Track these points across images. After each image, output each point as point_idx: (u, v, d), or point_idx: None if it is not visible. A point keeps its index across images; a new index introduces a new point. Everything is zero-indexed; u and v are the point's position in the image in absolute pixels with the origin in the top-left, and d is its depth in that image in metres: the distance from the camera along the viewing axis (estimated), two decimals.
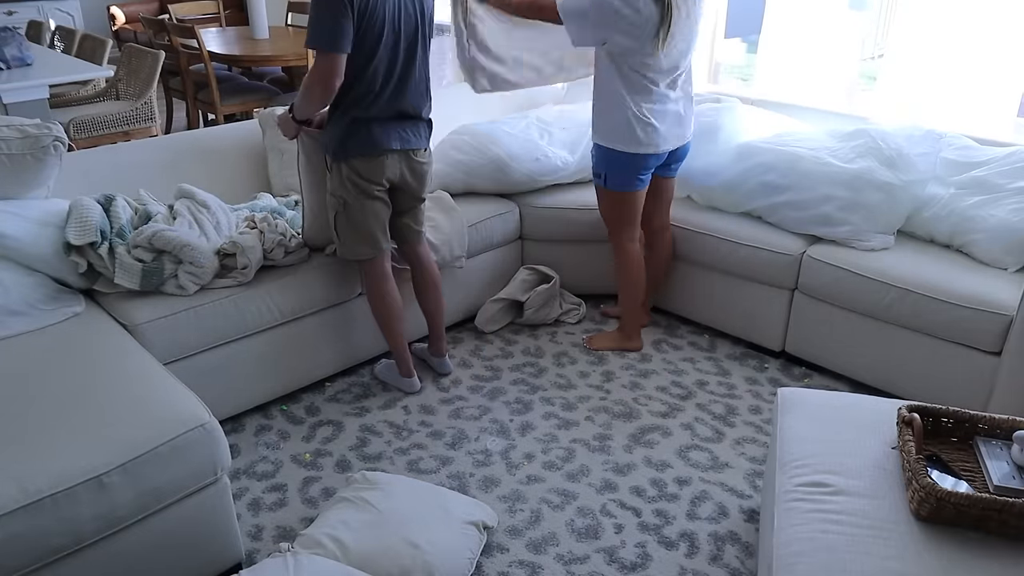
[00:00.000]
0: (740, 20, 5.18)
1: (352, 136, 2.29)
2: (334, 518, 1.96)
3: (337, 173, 2.34)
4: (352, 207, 2.37)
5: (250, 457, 2.43)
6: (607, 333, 3.07)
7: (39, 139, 2.30)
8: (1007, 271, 2.52)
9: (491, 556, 2.04)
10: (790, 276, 2.77)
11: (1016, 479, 1.55)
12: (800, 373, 2.86)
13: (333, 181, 2.37)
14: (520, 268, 3.26)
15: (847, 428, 1.77)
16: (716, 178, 3.00)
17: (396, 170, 2.38)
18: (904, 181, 2.66)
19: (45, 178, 2.41)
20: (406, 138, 2.37)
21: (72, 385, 1.87)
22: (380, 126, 2.31)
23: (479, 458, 2.42)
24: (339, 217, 2.40)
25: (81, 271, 2.29)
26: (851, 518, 1.52)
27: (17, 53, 3.87)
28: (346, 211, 2.38)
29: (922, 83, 3.28)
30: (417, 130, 2.41)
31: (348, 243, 2.45)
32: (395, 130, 2.34)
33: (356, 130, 2.29)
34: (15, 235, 2.24)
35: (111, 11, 7.20)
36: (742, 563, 2.02)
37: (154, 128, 4.50)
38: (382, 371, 2.81)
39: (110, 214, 2.40)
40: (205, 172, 2.89)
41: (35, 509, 1.54)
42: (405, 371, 2.71)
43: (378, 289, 2.54)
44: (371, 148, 2.30)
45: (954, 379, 2.45)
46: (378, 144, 2.31)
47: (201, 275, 2.35)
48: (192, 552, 1.85)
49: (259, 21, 5.33)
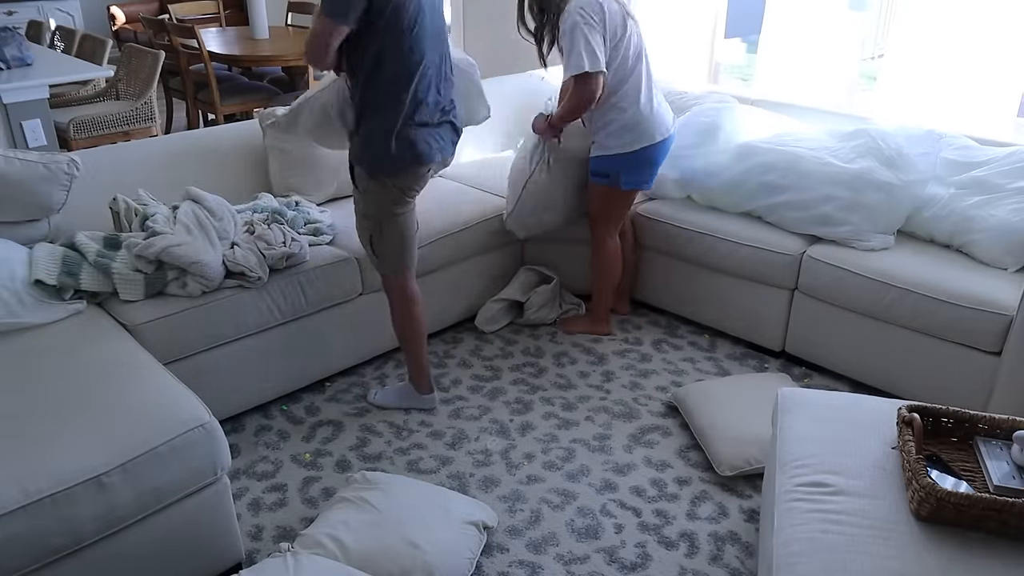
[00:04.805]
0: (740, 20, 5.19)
1: (398, 148, 2.17)
2: (334, 518, 1.96)
3: (379, 190, 2.25)
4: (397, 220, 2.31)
5: (250, 457, 2.43)
6: (579, 317, 3.19)
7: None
8: (1007, 271, 2.52)
9: (491, 556, 2.04)
10: (790, 276, 2.77)
11: (1016, 479, 1.55)
12: (800, 373, 2.86)
13: (369, 201, 2.28)
14: (520, 268, 3.26)
15: (847, 428, 1.77)
16: (716, 178, 3.01)
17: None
18: (904, 181, 2.66)
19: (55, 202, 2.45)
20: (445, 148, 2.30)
21: (72, 385, 1.87)
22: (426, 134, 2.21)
23: (479, 458, 2.42)
24: (377, 238, 2.34)
25: (67, 297, 2.27)
26: (851, 518, 1.52)
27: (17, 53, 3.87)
28: (393, 225, 2.31)
29: (922, 83, 3.28)
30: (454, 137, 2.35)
31: (390, 259, 2.38)
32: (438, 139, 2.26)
33: (402, 142, 2.17)
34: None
35: (111, 11, 7.21)
36: (742, 563, 2.02)
37: (154, 128, 4.50)
38: (386, 397, 2.68)
39: (77, 250, 2.35)
40: (205, 172, 2.89)
41: (35, 509, 1.54)
42: (426, 387, 2.64)
43: (409, 307, 2.47)
44: (419, 161, 2.21)
45: (954, 379, 2.45)
46: (423, 157, 2.21)
47: (209, 285, 2.35)
48: (192, 552, 1.85)
49: (259, 21, 5.33)
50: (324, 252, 2.65)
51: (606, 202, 2.85)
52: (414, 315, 2.49)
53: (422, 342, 2.55)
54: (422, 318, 2.52)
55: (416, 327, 2.51)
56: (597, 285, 3.04)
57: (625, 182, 2.76)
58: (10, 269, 2.19)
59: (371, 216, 2.31)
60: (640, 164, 2.74)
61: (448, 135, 2.31)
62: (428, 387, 2.65)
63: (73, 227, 2.49)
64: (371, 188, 2.25)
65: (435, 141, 2.25)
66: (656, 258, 3.17)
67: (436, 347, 3.02)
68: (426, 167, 2.26)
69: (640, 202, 3.19)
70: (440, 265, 2.93)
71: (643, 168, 2.77)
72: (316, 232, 2.72)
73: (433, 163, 2.27)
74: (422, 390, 2.64)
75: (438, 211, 2.96)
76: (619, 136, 2.69)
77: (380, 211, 2.29)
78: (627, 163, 2.72)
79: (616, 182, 2.76)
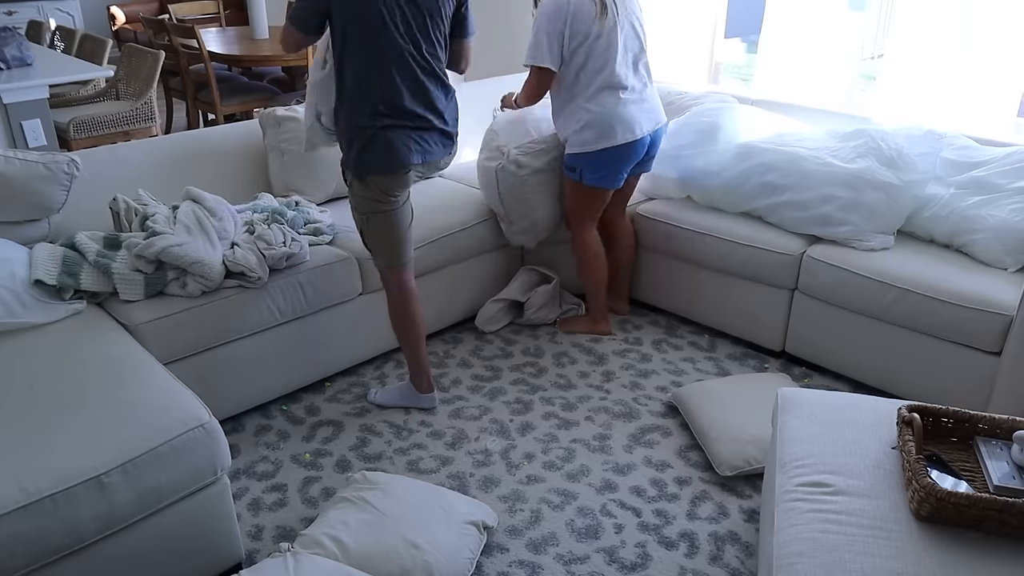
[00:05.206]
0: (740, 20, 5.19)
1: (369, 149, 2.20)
2: (334, 518, 1.96)
3: (361, 187, 2.28)
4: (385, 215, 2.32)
5: (250, 457, 2.43)
6: (579, 317, 3.19)
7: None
8: (1007, 271, 2.52)
9: (491, 556, 2.04)
10: (790, 276, 2.77)
11: (1016, 479, 1.55)
12: (800, 373, 2.86)
13: (354, 195, 2.32)
14: (520, 268, 3.26)
15: (847, 428, 1.77)
16: (716, 178, 3.00)
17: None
18: (904, 181, 2.66)
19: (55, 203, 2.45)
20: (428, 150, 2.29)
21: (72, 385, 1.87)
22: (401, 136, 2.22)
23: (479, 458, 2.42)
24: (367, 233, 2.36)
25: (67, 297, 2.27)
26: (851, 518, 1.52)
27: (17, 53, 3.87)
28: (380, 220, 2.33)
29: (922, 83, 3.28)
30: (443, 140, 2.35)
31: (383, 254, 2.40)
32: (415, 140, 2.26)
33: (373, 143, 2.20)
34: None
35: (111, 11, 7.21)
36: (742, 563, 2.02)
37: (154, 128, 4.50)
38: (385, 396, 2.69)
39: (77, 250, 2.36)
40: (205, 172, 2.89)
41: (35, 509, 1.54)
42: (426, 386, 2.64)
43: (406, 304, 2.48)
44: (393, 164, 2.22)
45: (954, 379, 2.45)
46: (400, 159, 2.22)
47: (209, 285, 2.35)
48: (192, 552, 1.85)
49: (259, 21, 5.33)
50: (324, 252, 2.65)
51: (575, 197, 2.89)
52: (411, 312, 2.49)
53: (420, 340, 2.55)
54: (419, 315, 2.52)
55: (413, 324, 2.51)
56: (586, 283, 3.06)
57: (588, 179, 2.78)
58: (10, 269, 2.20)
59: (358, 210, 2.35)
60: (602, 163, 2.74)
61: (436, 139, 2.30)
62: (428, 386, 2.65)
63: (73, 227, 2.50)
64: (354, 184, 2.30)
65: (416, 144, 2.24)
66: (656, 258, 3.17)
67: (436, 347, 3.02)
68: (404, 169, 2.25)
69: (640, 202, 3.19)
70: (440, 265, 2.93)
71: (606, 167, 2.75)
72: (316, 232, 2.72)
73: (411, 165, 2.25)
74: (422, 389, 2.64)
75: (438, 211, 2.96)
76: (581, 134, 2.71)
77: (365, 206, 2.32)
78: (589, 162, 2.74)
79: (582, 178, 2.78)
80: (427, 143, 2.28)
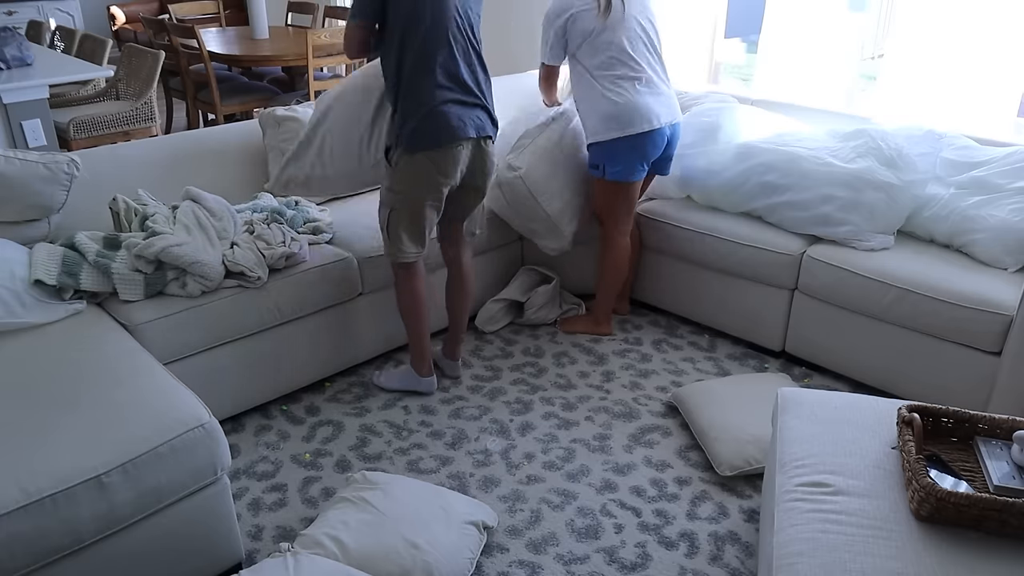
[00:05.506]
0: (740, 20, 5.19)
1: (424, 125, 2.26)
2: (334, 518, 1.96)
3: (411, 164, 2.30)
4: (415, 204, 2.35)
5: (250, 457, 2.43)
6: (579, 317, 3.18)
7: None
8: (1007, 271, 2.52)
9: (491, 556, 2.04)
10: (790, 276, 2.77)
11: (1016, 479, 1.55)
12: (800, 373, 2.86)
13: (398, 176, 2.34)
14: (520, 268, 3.26)
15: (847, 428, 1.77)
16: (716, 178, 3.01)
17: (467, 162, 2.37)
18: (904, 181, 2.66)
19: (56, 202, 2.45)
20: (480, 124, 2.34)
21: (72, 385, 1.87)
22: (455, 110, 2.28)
23: (479, 458, 2.42)
24: (395, 215, 2.38)
25: (67, 297, 2.27)
26: (851, 518, 1.52)
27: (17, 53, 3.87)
28: (415, 205, 2.35)
29: (922, 83, 3.28)
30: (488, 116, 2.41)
31: (401, 244, 2.41)
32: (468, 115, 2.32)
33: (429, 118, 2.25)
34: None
35: (111, 11, 7.21)
36: (742, 563, 2.02)
37: (154, 128, 4.50)
38: (388, 379, 2.75)
39: (77, 250, 2.36)
40: (205, 172, 2.89)
41: (35, 509, 1.54)
42: (426, 371, 2.68)
43: (413, 288, 2.51)
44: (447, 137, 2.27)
45: (954, 379, 2.45)
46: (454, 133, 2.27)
47: (209, 285, 2.35)
48: (192, 552, 1.85)
49: (259, 21, 5.33)
50: (324, 252, 2.65)
51: (603, 194, 2.87)
52: (415, 289, 2.52)
53: (423, 321, 2.58)
54: (423, 294, 2.54)
55: (417, 302, 2.54)
56: (602, 283, 3.03)
57: (610, 173, 2.77)
58: (10, 269, 2.19)
59: (396, 191, 2.35)
60: (621, 154, 2.73)
61: (484, 116, 2.37)
62: (428, 370, 2.68)
63: (73, 227, 2.50)
64: (402, 163, 2.31)
65: (469, 120, 2.31)
66: (656, 258, 3.17)
67: (437, 347, 3.02)
68: (458, 143, 2.29)
69: (640, 202, 3.19)
70: (441, 265, 2.93)
71: (625, 159, 2.75)
72: (316, 231, 2.72)
73: (466, 138, 2.30)
74: (422, 372, 2.67)
75: None
76: (600, 122, 2.73)
77: (407, 186, 2.33)
78: (608, 154, 2.74)
79: (604, 173, 2.78)
80: (479, 119, 2.35)
